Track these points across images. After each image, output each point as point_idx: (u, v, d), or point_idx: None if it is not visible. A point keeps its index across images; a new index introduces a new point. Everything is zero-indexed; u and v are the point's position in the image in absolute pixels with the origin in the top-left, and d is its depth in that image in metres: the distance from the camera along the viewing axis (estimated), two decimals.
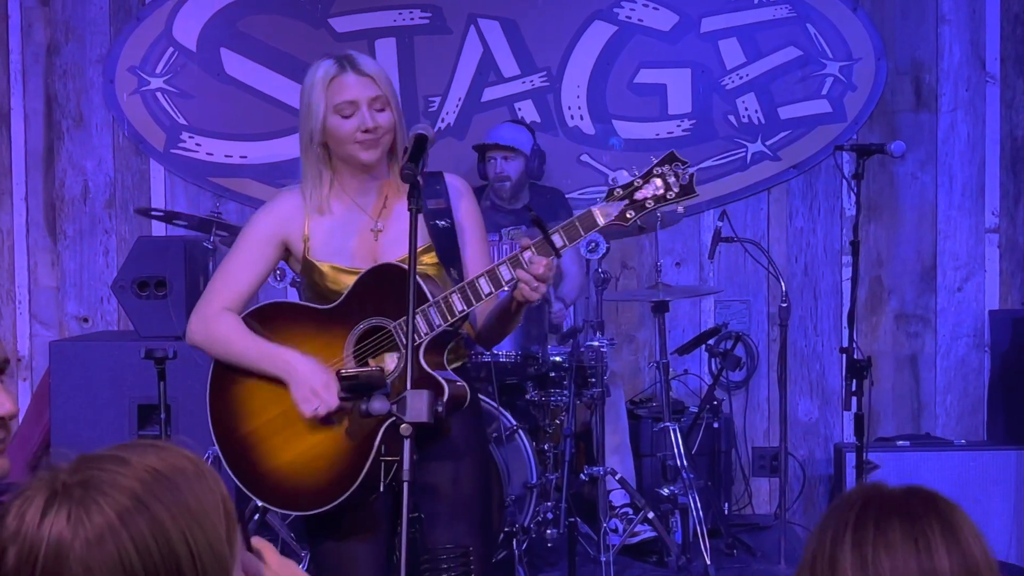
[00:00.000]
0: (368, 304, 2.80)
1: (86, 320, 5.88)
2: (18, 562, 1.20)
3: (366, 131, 2.83)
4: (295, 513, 3.23)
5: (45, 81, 5.88)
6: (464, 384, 2.78)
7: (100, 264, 5.88)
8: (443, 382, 2.68)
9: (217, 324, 2.90)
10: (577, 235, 2.72)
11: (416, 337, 2.66)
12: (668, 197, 2.75)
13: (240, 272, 2.94)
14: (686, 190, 2.75)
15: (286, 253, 2.97)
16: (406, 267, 2.67)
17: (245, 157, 5.85)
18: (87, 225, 5.88)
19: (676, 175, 2.75)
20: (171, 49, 5.84)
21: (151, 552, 1.21)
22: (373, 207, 2.94)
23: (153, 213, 5.33)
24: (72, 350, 5.27)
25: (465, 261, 2.94)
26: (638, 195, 2.75)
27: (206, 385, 2.98)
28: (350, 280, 2.85)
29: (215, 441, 2.94)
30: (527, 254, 2.70)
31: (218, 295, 2.93)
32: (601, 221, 2.73)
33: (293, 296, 5.28)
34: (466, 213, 2.97)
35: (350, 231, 2.91)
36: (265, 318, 2.93)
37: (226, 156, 5.86)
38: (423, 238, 2.82)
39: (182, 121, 5.85)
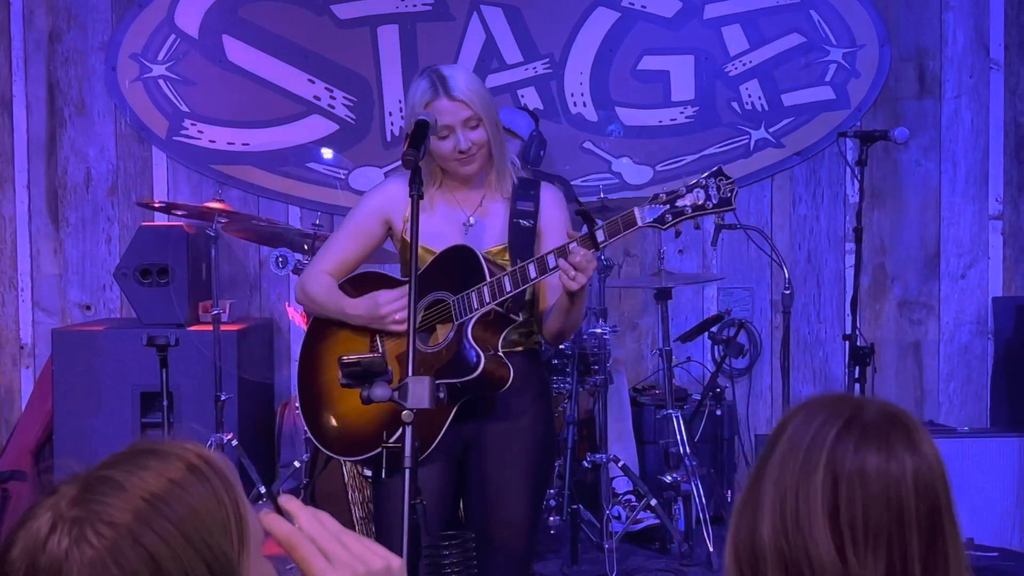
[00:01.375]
0: (439, 279, 3.04)
1: (88, 308, 5.88)
2: None
3: (461, 152, 3.07)
4: (349, 459, 3.55)
5: (47, 68, 5.87)
6: (508, 366, 2.97)
7: (103, 251, 5.88)
8: (480, 355, 2.91)
9: (312, 283, 3.21)
10: (617, 231, 2.90)
11: (467, 312, 2.95)
12: (707, 207, 2.91)
13: (344, 241, 3.25)
14: (724, 202, 2.91)
15: (389, 231, 3.23)
16: (479, 252, 2.99)
17: (247, 144, 5.85)
18: (89, 212, 5.87)
19: (719, 187, 2.91)
20: (173, 36, 5.83)
21: (167, 561, 1.22)
22: (471, 205, 3.19)
23: (155, 205, 5.32)
24: (75, 338, 5.28)
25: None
26: (679, 202, 2.91)
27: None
28: (430, 258, 3.11)
29: (297, 388, 3.27)
30: (572, 244, 2.87)
31: (320, 260, 3.25)
32: (639, 222, 2.90)
33: (295, 283, 5.28)
34: (550, 221, 3.17)
35: (445, 221, 3.16)
36: (358, 283, 3.21)
37: (228, 143, 5.85)
38: (502, 236, 3.12)
39: (184, 108, 5.84)
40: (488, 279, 2.97)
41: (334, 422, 3.14)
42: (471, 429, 3.08)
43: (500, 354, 3.00)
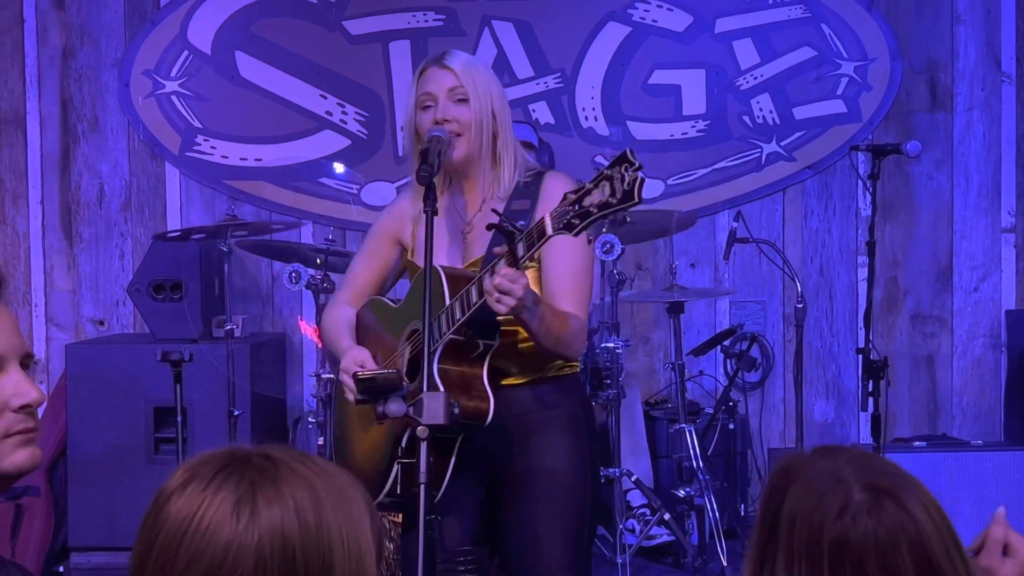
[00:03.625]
0: (417, 305, 2.77)
1: (102, 323, 5.90)
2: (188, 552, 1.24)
3: (436, 122, 2.81)
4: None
5: (60, 85, 5.89)
6: (488, 398, 2.66)
7: (116, 267, 5.90)
8: (437, 394, 2.54)
9: (327, 315, 3.10)
10: (533, 243, 2.50)
11: (438, 338, 2.65)
12: (611, 203, 2.40)
13: (359, 268, 3.11)
14: (627, 196, 2.38)
15: (404, 251, 3.04)
16: (439, 267, 2.72)
17: (260, 160, 5.86)
18: (103, 228, 5.89)
19: (623, 177, 2.39)
20: (186, 52, 5.85)
21: (310, 528, 1.25)
22: (468, 207, 2.94)
23: (169, 235, 5.28)
24: (88, 353, 5.29)
25: (544, 263, 2.83)
26: (586, 200, 2.44)
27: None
28: None
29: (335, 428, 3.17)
30: (499, 263, 2.55)
31: (342, 289, 3.14)
32: (549, 229, 2.47)
33: (308, 298, 5.29)
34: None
35: (444, 232, 2.90)
36: (370, 310, 3.06)
37: (241, 159, 5.87)
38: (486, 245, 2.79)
39: (197, 124, 5.86)
40: (445, 305, 2.67)
41: (355, 462, 2.95)
42: (490, 472, 2.84)
43: (483, 384, 2.68)
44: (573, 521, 2.81)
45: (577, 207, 2.44)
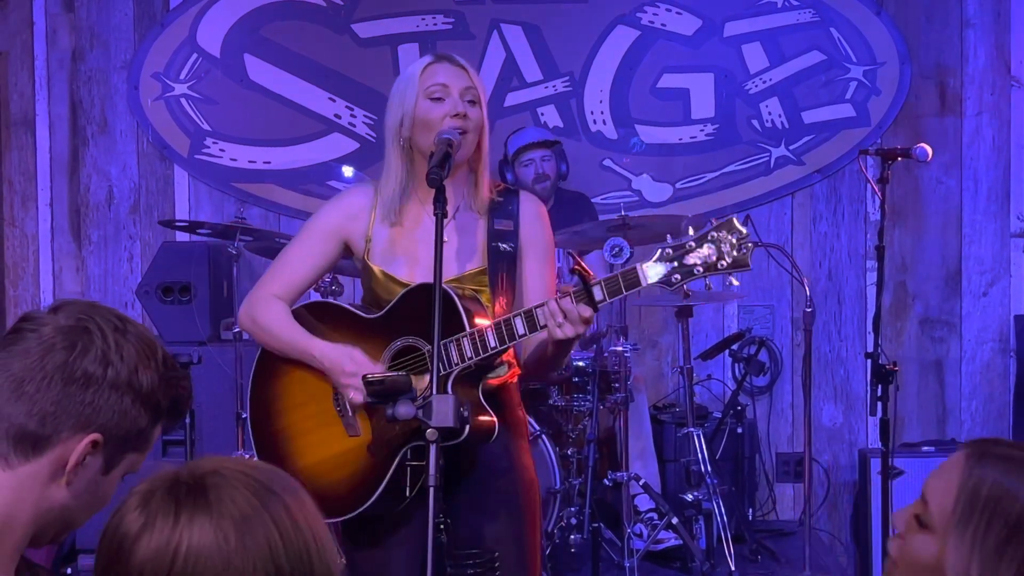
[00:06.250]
0: (409, 322, 2.73)
1: None
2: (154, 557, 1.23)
3: (456, 115, 2.75)
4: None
5: (70, 87, 5.90)
6: (491, 415, 2.69)
7: (124, 269, 5.90)
8: (467, 412, 2.53)
9: (263, 310, 2.88)
10: (619, 291, 2.57)
11: (447, 366, 2.61)
12: (720, 267, 2.52)
13: (296, 261, 2.92)
14: (739, 264, 2.51)
15: (347, 251, 2.92)
16: (450, 288, 2.66)
17: (269, 163, 5.87)
18: (112, 231, 5.90)
19: (732, 244, 2.50)
20: (195, 55, 5.86)
21: (290, 535, 1.26)
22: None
23: (177, 224, 5.34)
24: None
25: (525, 287, 2.85)
26: (687, 259, 2.53)
27: (250, 374, 2.98)
28: (400, 291, 2.78)
29: (251, 429, 2.91)
30: (566, 301, 2.56)
31: (271, 282, 2.92)
32: (645, 282, 2.56)
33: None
34: (529, 242, 2.85)
35: (415, 239, 2.82)
36: (313, 315, 2.90)
37: (250, 161, 5.88)
38: (481, 259, 2.79)
39: (206, 127, 5.87)
40: (468, 329, 2.63)
41: (307, 473, 2.76)
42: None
43: (482, 403, 2.70)
44: (522, 526, 2.81)
45: (676, 264, 2.54)
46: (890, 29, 5.72)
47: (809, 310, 4.93)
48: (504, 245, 2.79)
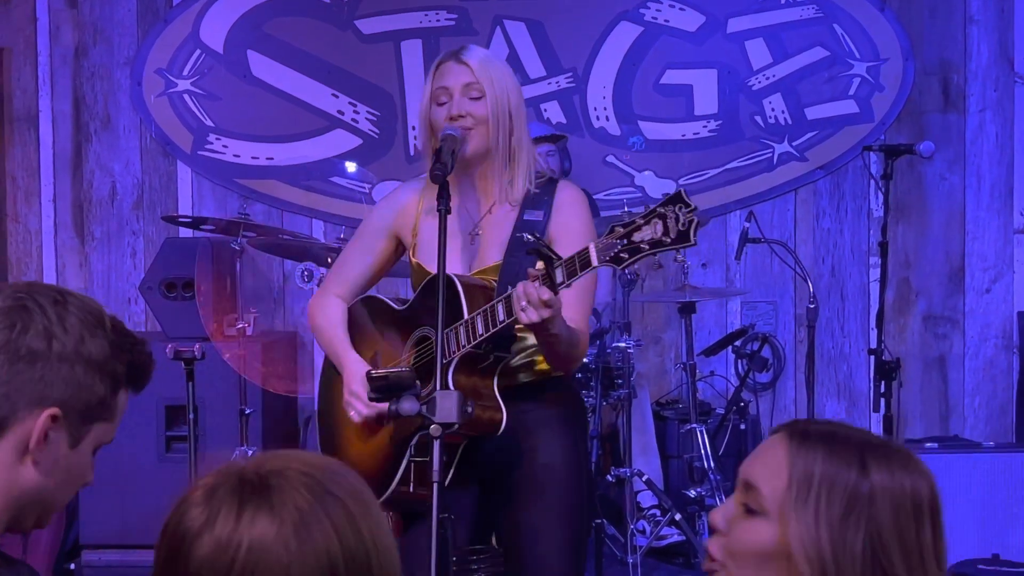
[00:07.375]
0: (424, 313, 2.79)
1: None
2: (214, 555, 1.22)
3: (451, 118, 2.79)
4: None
5: (73, 83, 5.91)
6: (500, 408, 2.68)
7: (128, 266, 5.91)
8: (451, 393, 2.54)
9: (319, 312, 3.00)
10: (575, 271, 2.50)
11: (447, 353, 2.62)
12: (665, 243, 2.43)
13: (353, 260, 3.02)
14: (682, 237, 2.42)
15: (402, 246, 2.99)
16: (455, 277, 2.69)
17: (272, 159, 5.87)
18: (115, 227, 5.90)
19: (678, 217, 2.42)
20: (198, 51, 5.86)
21: (349, 538, 1.24)
22: (479, 209, 2.89)
23: (180, 220, 5.34)
24: None
25: None
26: (636, 236, 2.45)
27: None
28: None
29: (317, 422, 3.03)
30: (529, 284, 2.53)
31: (331, 281, 3.04)
32: (595, 261, 2.48)
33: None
34: (561, 228, 2.82)
35: (454, 233, 2.81)
36: (364, 308, 3.00)
37: (253, 158, 5.88)
38: (501, 253, 2.80)
39: (209, 123, 5.87)
40: (465, 316, 2.66)
41: (350, 463, 2.90)
42: (484, 470, 2.83)
43: (494, 394, 2.71)
44: (570, 514, 2.83)
45: (626, 241, 2.45)
46: (893, 25, 5.72)
47: (812, 306, 4.93)
48: (529, 236, 2.74)
